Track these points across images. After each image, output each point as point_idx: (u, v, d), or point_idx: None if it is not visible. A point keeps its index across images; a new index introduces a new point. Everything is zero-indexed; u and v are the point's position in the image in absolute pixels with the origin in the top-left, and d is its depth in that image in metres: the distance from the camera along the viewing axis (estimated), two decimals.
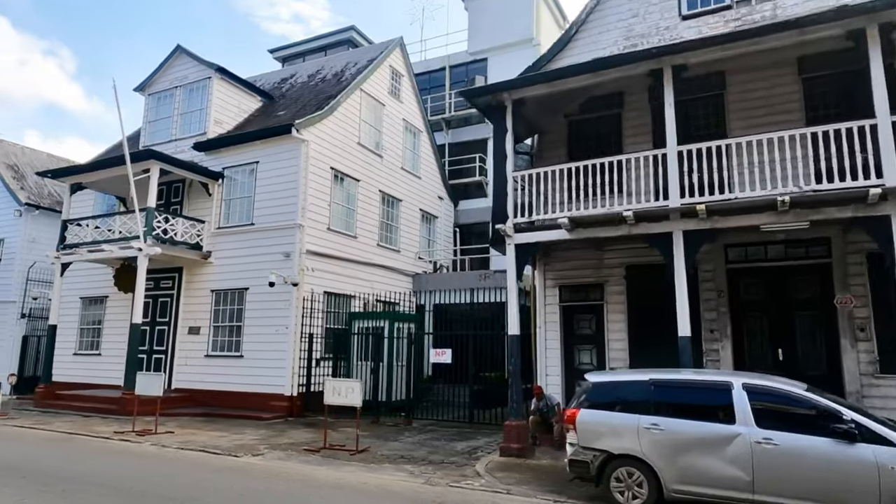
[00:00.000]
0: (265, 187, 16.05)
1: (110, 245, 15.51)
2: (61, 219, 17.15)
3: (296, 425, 13.15)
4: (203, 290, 16.51)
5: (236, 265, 16.04)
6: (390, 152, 19.72)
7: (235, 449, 10.08)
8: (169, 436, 11.48)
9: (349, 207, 17.50)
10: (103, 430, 12.06)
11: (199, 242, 16.53)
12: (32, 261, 21.28)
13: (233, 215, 16.63)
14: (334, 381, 10.38)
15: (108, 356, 17.95)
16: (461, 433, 12.13)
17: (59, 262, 16.73)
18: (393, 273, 19.21)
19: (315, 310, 15.45)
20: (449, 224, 23.37)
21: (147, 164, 15.40)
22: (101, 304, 18.54)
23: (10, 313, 20.90)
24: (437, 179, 22.80)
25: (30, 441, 10.90)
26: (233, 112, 18.24)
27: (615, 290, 11.27)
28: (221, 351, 15.91)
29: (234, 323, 15.84)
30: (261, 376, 14.98)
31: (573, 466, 6.89)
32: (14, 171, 22.70)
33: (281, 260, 15.24)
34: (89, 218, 16.83)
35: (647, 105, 11.54)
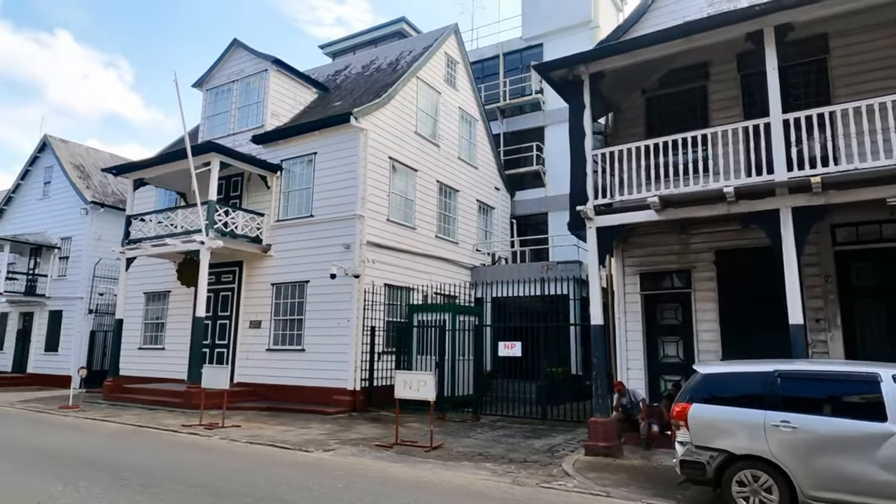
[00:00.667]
0: (323, 178, 15.78)
1: (173, 239, 15.53)
2: (125, 214, 17.34)
3: (360, 420, 12.79)
4: (263, 284, 16.38)
5: (296, 258, 15.83)
6: (447, 141, 19.20)
7: (305, 444, 9.74)
8: (236, 430, 11.27)
9: (407, 198, 17.06)
10: (171, 424, 11.97)
11: (259, 235, 16.41)
12: (98, 258, 21.76)
13: (291, 208, 16.44)
14: (405, 374, 9.91)
15: (172, 350, 18.09)
16: (534, 430, 11.49)
17: (123, 258, 16.92)
18: (451, 265, 18.69)
19: (376, 302, 15.08)
20: (505, 215, 22.69)
21: (208, 158, 15.34)
22: (163, 298, 18.71)
23: (78, 309, 21.41)
24: (493, 169, 22.15)
25: (102, 434, 10.86)
26: (289, 104, 18.07)
27: (704, 277, 10.39)
28: (282, 345, 15.73)
29: (294, 316, 15.63)
30: (323, 370, 14.71)
31: (685, 468, 6.17)
32: (80, 171, 23.28)
33: (341, 252, 14.93)
34: (152, 213, 16.93)
35: (735, 75, 10.62)
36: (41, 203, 23.83)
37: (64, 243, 22.66)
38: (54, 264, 22.70)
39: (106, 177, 24.12)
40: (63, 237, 22.67)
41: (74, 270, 21.89)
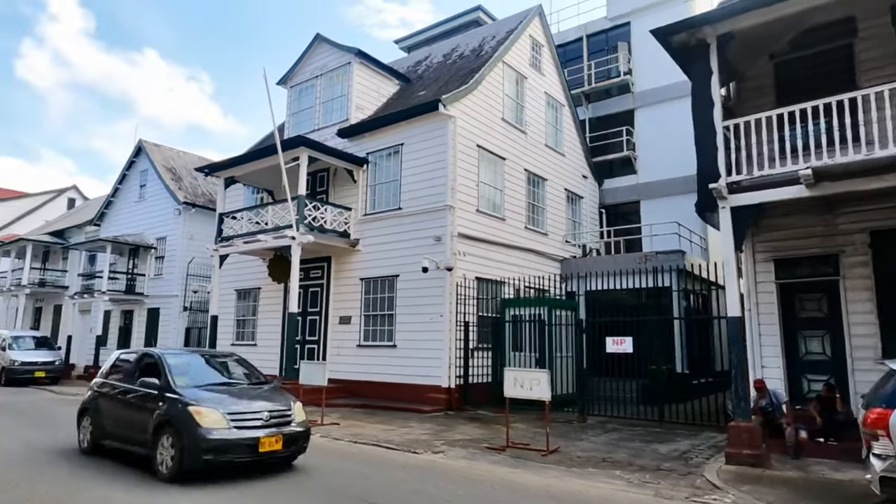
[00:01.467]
0: (411, 170, 15.33)
1: (265, 235, 15.54)
2: (217, 212, 17.58)
3: (459, 419, 12.21)
4: (352, 279, 16.15)
5: (385, 252, 15.47)
6: (533, 128, 18.35)
7: (410, 444, 9.24)
8: (335, 427, 10.97)
9: (496, 188, 16.36)
10: None
11: (347, 230, 16.18)
12: (191, 256, 22.39)
13: (379, 201, 16.11)
14: (516, 372, 9.21)
15: (263, 346, 18.24)
16: (651, 433, 10.51)
17: (217, 255, 17.15)
18: (540, 257, 17.84)
19: (467, 296, 14.48)
20: (594, 205, 21.56)
21: (297, 152, 15.22)
22: (253, 295, 18.91)
23: (174, 306, 22.11)
24: (581, 157, 21.08)
25: None
26: (372, 97, 17.78)
27: (856, 262, 9.07)
28: (373, 341, 15.42)
29: (385, 312, 15.28)
30: (416, 367, 14.26)
31: (887, 486, 5.13)
32: (172, 173, 24.08)
33: (431, 244, 14.42)
34: (243, 210, 17.07)
35: (890, 30, 9.20)
36: (138, 205, 24.85)
37: (159, 243, 23.51)
38: (151, 264, 23.58)
39: (196, 178, 24.85)
40: (158, 237, 23.51)
41: (170, 269, 22.63)
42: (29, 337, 21.98)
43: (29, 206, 40.59)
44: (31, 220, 39.00)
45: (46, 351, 21.35)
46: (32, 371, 20.14)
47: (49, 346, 21.98)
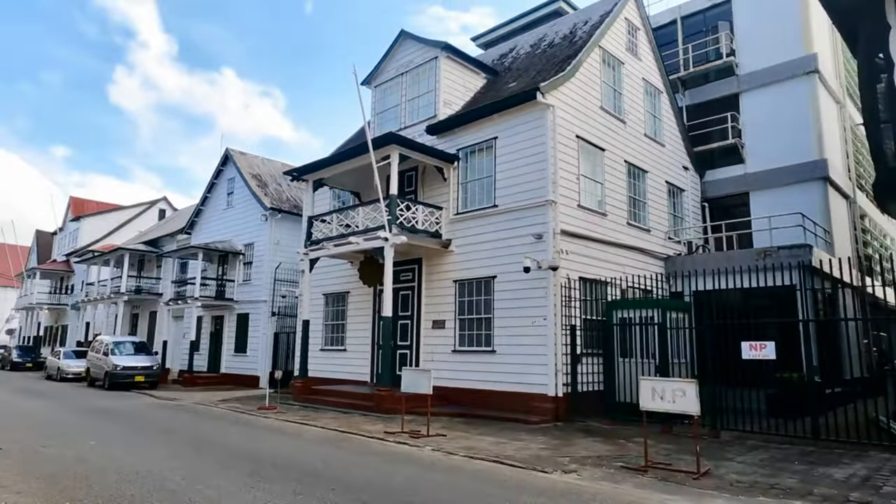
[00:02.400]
0: (506, 164, 14.48)
1: (356, 237, 15.11)
2: (306, 216, 17.38)
3: (572, 432, 11.19)
4: (445, 281, 15.45)
5: (480, 252, 14.68)
6: (632, 117, 17.08)
7: (532, 461, 8.34)
8: (442, 439, 10.22)
9: (596, 181, 15.24)
10: (372, 430, 11.25)
11: (438, 230, 15.52)
12: (278, 262, 22.48)
13: (471, 199, 15.36)
14: (654, 381, 8.13)
15: (353, 351, 17.87)
16: (806, 452, 9.13)
17: (307, 259, 16.93)
18: (643, 255, 16.52)
19: (572, 298, 13.44)
20: (696, 198, 19.95)
21: (387, 150, 14.70)
22: (342, 300, 18.60)
23: (263, 312, 22.24)
24: (681, 147, 19.55)
25: (309, 439, 10.34)
26: (459, 92, 17.08)
27: None
28: (469, 346, 14.64)
29: (481, 315, 14.48)
30: (517, 374, 13.35)
31: None
32: (258, 180, 24.36)
33: (532, 243, 13.50)
34: (333, 213, 16.76)
35: None
36: (226, 213, 25.32)
37: (247, 249, 23.80)
38: (239, 270, 23.90)
39: (280, 184, 25.06)
40: (246, 244, 23.81)
41: (258, 275, 22.82)
42: (129, 342, 22.71)
43: (124, 219, 42.77)
44: (126, 232, 41.04)
45: (145, 356, 21.97)
46: (133, 375, 20.71)
47: (147, 352, 22.63)
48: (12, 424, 11.54)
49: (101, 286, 31.06)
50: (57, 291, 42.24)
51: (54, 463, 7.78)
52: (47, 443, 9.39)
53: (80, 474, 7.12)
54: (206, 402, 16.57)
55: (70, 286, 41.28)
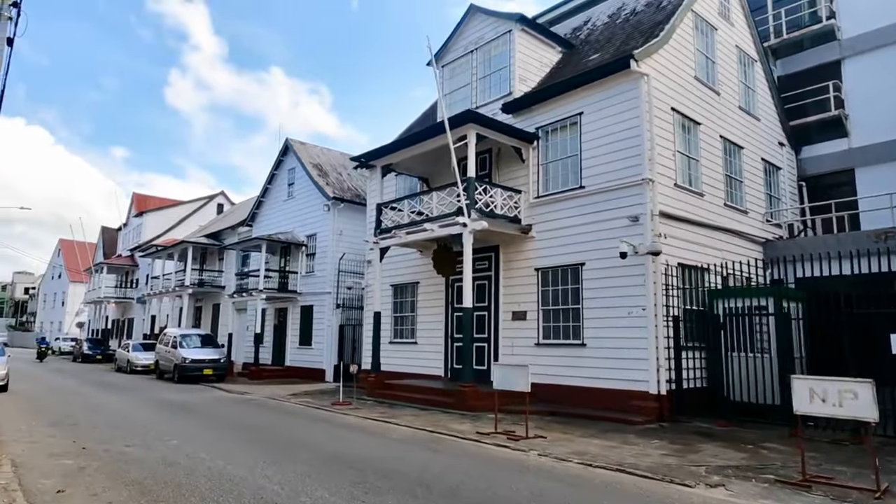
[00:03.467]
0: (594, 141, 13.33)
1: (431, 224, 14.26)
2: (375, 203, 16.65)
3: (686, 434, 10.04)
4: (525, 270, 14.45)
5: (565, 238, 13.61)
6: (726, 88, 15.59)
7: (662, 470, 7.27)
8: (542, 442, 9.27)
9: (692, 158, 13.90)
10: (461, 429, 10.40)
11: (518, 215, 14.51)
12: (342, 252, 21.94)
13: (553, 181, 14.27)
14: (812, 381, 6.92)
15: (424, 344, 17.10)
16: None
17: (377, 248, 16.21)
18: (740, 239, 15.09)
19: (671, 286, 12.22)
20: (792, 176, 18.24)
21: (464, 130, 13.77)
22: (411, 290, 17.84)
23: (327, 304, 21.75)
24: (776, 121, 17.87)
25: (398, 440, 9.56)
26: (535, 67, 15.96)
27: None
28: (555, 338, 13.61)
29: (568, 305, 13.41)
30: (611, 369, 12.26)
31: None
32: (318, 169, 23.87)
33: (626, 226, 12.33)
34: (404, 199, 15.97)
35: None
36: (287, 204, 24.98)
37: (309, 240, 23.37)
38: (302, 261, 23.52)
39: (340, 173, 24.54)
40: (308, 234, 23.38)
41: (321, 266, 22.35)
42: (195, 335, 22.67)
43: (184, 213, 43.49)
44: (187, 226, 41.66)
45: (212, 349, 21.85)
46: (201, 368, 20.59)
47: (214, 344, 22.53)
48: (94, 420, 11.23)
49: (165, 280, 31.43)
50: (122, 285, 43.36)
51: (141, 467, 7.21)
52: (130, 441, 8.92)
53: (170, 480, 6.50)
54: (276, 397, 16.13)
55: (135, 280, 42.27)
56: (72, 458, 7.75)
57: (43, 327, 65.03)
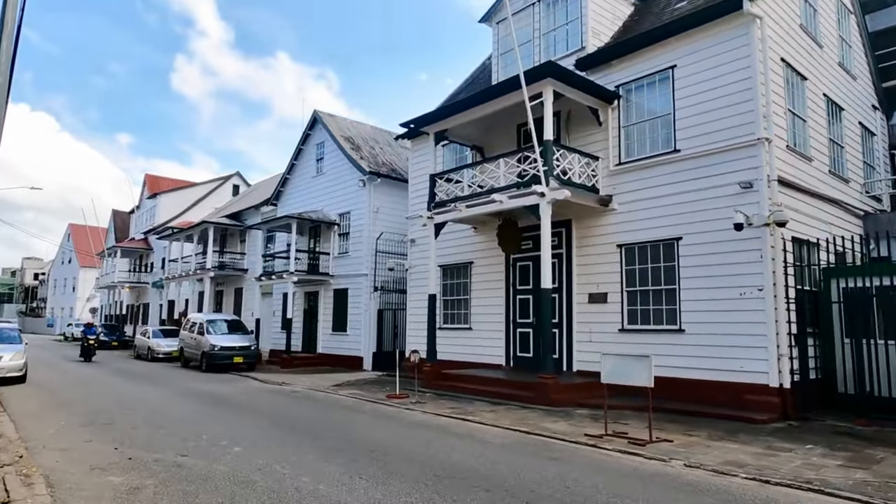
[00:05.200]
0: (690, 98, 11.61)
1: (500, 195, 12.62)
2: (429, 174, 14.98)
3: (830, 435, 8.46)
4: (605, 247, 12.82)
5: (654, 209, 11.96)
6: (827, 41, 13.81)
7: (869, 491, 5.70)
8: (668, 446, 7.72)
9: (800, 117, 12.17)
10: (563, 431, 8.86)
11: (595, 184, 12.85)
12: (379, 231, 20.35)
13: (639, 145, 12.59)
14: None
15: (480, 330, 15.55)
16: None
17: (431, 224, 14.60)
18: (840, 211, 13.39)
19: (787, 263, 10.57)
20: (884, 144, 16.48)
21: (539, 87, 12.07)
22: (464, 272, 16.26)
23: (364, 287, 20.21)
24: (869, 81, 16.09)
25: (496, 444, 8.01)
26: (607, 20, 14.19)
27: None
28: (643, 323, 12.02)
29: (660, 286, 11.80)
30: (717, 358, 10.67)
31: None
32: (350, 143, 22.20)
33: (735, 194, 10.68)
34: (464, 167, 14.34)
35: None
36: (315, 181, 23.36)
37: (342, 219, 21.77)
38: (334, 241, 21.95)
39: (373, 147, 22.87)
40: (341, 213, 21.78)
41: (356, 246, 20.78)
42: (222, 320, 21.20)
43: (199, 195, 41.92)
44: (202, 208, 40.12)
45: (241, 335, 20.38)
46: (231, 356, 19.14)
47: (244, 330, 21.06)
48: (131, 419, 9.74)
49: (184, 263, 29.96)
50: (136, 270, 41.98)
51: (210, 487, 5.69)
52: (182, 447, 7.41)
53: None
54: (319, 388, 14.65)
55: (149, 264, 40.87)
56: (118, 472, 6.25)
57: (54, 313, 63.98)
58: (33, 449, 7.32)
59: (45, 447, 7.44)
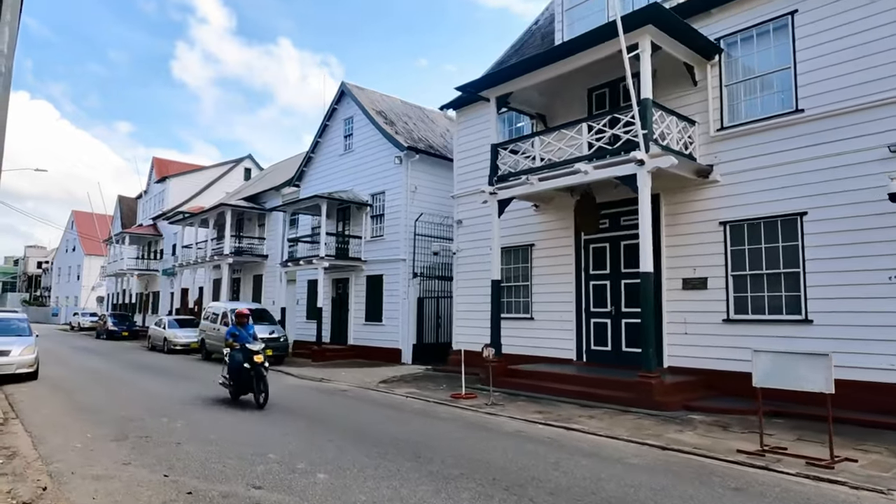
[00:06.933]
0: (816, 49, 9.86)
1: (585, 164, 10.90)
2: (490, 144, 13.24)
3: None
4: (703, 224, 11.13)
5: (769, 180, 10.25)
6: None
7: None
8: (859, 468, 6.08)
9: None
10: (698, 444, 7.25)
11: (692, 153, 11.13)
12: (417, 212, 18.65)
13: (746, 106, 10.85)
14: None
15: (543, 320, 13.91)
16: None
17: (494, 200, 12.89)
18: None
19: None
20: None
21: (635, 37, 10.29)
22: (523, 255, 14.58)
23: (401, 273, 18.53)
24: None
25: (637, 465, 6.38)
26: None
27: None
28: (755, 313, 10.35)
29: (778, 269, 10.11)
30: (857, 354, 8.99)
31: None
32: (383, 117, 20.43)
33: (881, 159, 8.96)
34: (535, 135, 12.55)
35: None
36: (343, 159, 21.62)
37: (374, 200, 20.06)
38: (366, 224, 20.25)
39: (406, 122, 21.11)
40: (373, 192, 20.05)
41: (392, 229, 19.08)
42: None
43: (209, 179, 40.18)
44: (214, 192, 38.39)
45: (268, 325, 18.73)
46: None
47: (270, 320, 19.41)
48: (170, 429, 8.12)
49: (198, 249, 28.30)
50: (145, 257, 40.35)
51: None
52: (250, 471, 5.79)
53: None
54: (366, 385, 13.06)
55: (159, 251, 39.23)
56: None
57: (58, 302, 62.49)
58: (59, 476, 5.70)
59: (74, 473, 5.81)
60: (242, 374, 9.91)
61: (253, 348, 9.84)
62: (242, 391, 10.15)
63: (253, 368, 9.78)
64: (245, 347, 9.89)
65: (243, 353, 9.87)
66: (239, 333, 10.22)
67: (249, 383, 9.92)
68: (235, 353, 10.00)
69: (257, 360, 9.74)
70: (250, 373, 9.79)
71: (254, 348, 9.85)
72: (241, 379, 10.01)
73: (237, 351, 9.97)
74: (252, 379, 9.83)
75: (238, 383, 10.11)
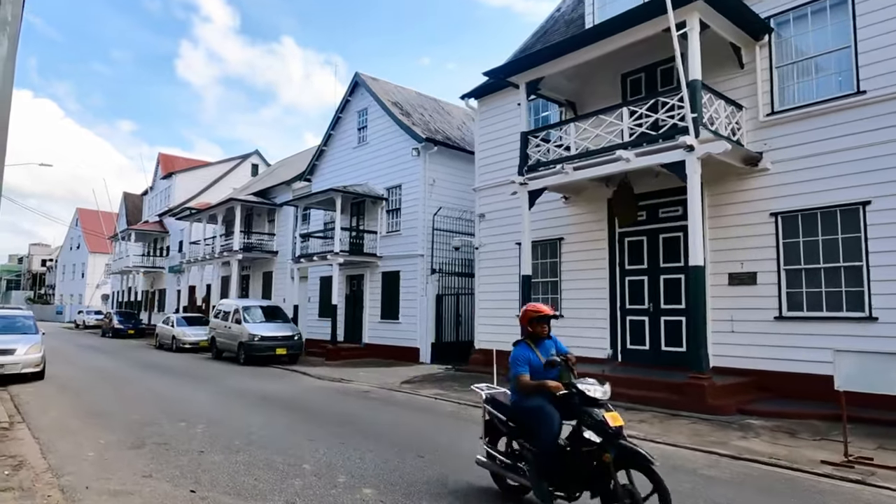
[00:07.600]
0: (879, 26, 9.17)
1: (626, 151, 10.21)
2: (520, 131, 12.56)
3: None
4: (752, 216, 10.45)
5: (827, 168, 9.57)
6: None
7: None
8: None
9: None
10: (776, 454, 6.56)
11: (740, 139, 10.45)
12: (436, 206, 17.99)
13: (800, 89, 10.15)
14: None
15: (573, 318, 13.20)
16: None
17: (524, 191, 12.21)
18: None
19: None
20: None
21: (681, 14, 9.60)
22: (550, 249, 13.90)
23: (419, 269, 17.86)
24: None
25: (720, 479, 5.71)
26: None
27: None
28: (811, 310, 9.66)
29: (838, 263, 9.42)
30: None
31: None
32: (399, 108, 19.77)
33: None
34: (570, 121, 11.87)
35: None
36: (357, 152, 20.96)
37: (390, 193, 19.40)
38: (381, 218, 19.59)
39: (423, 114, 20.44)
40: (389, 186, 19.39)
41: (410, 223, 18.41)
42: (257, 307, 18.91)
43: (215, 175, 39.56)
44: (220, 188, 37.78)
45: (282, 323, 18.11)
46: (273, 348, 16.87)
47: (284, 318, 18.77)
48: (191, 435, 7.48)
49: (206, 245, 27.68)
50: (151, 254, 39.77)
51: None
52: (291, 491, 5.13)
53: None
54: (388, 386, 12.42)
55: (165, 248, 38.64)
56: None
57: (63, 300, 62.01)
58: (72, 491, 5.06)
59: (88, 488, 5.17)
60: (575, 458, 4.34)
61: (594, 395, 4.24)
62: (569, 489, 4.40)
63: (610, 446, 4.11)
64: (583, 394, 4.27)
65: (569, 408, 4.39)
66: (533, 359, 4.66)
67: (594, 478, 4.26)
68: (547, 409, 4.45)
69: (614, 423, 4.14)
70: (604, 454, 4.12)
71: (596, 395, 4.24)
72: (570, 467, 4.38)
73: (548, 402, 4.47)
74: (605, 469, 4.13)
75: (558, 471, 4.41)
